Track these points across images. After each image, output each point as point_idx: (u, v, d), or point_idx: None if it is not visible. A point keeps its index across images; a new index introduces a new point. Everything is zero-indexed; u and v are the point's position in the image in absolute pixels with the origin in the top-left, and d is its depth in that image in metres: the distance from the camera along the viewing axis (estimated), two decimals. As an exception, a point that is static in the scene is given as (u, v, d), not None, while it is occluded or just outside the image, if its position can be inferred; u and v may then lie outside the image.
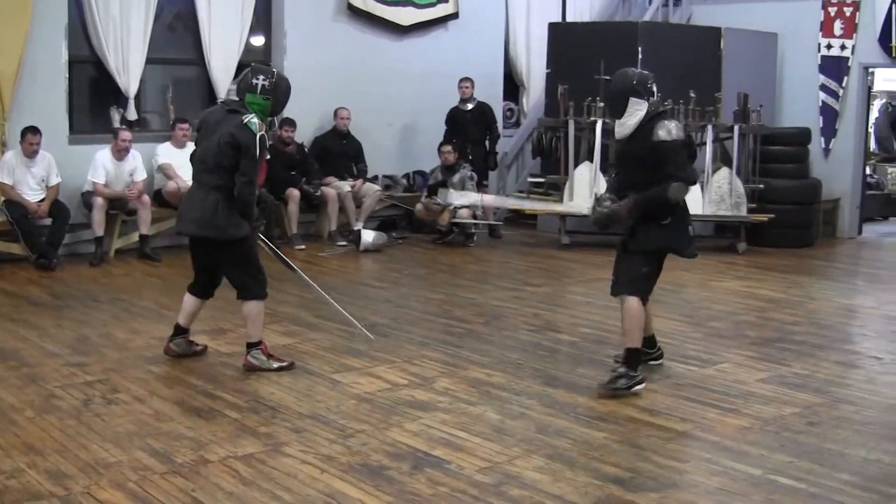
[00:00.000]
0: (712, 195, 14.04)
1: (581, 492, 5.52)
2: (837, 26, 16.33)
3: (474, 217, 14.32)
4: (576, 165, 14.14)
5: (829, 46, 16.44)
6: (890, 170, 20.54)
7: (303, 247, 13.37)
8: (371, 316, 9.58)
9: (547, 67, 15.64)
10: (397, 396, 7.19)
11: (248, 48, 14.35)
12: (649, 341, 8.10)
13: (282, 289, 10.44)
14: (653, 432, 6.54)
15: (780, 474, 5.85)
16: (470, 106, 15.18)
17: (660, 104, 7.66)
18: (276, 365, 7.84)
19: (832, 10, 16.38)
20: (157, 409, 6.85)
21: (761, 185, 14.46)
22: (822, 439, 6.54)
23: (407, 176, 15.76)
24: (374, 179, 14.96)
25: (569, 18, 17.70)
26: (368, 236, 13.52)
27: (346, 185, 14.12)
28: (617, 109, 7.64)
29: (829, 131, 16.39)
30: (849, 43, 16.26)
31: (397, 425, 6.56)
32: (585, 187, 13.95)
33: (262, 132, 7.51)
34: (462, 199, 13.22)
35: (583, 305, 10.69)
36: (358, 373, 7.76)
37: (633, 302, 7.58)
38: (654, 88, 7.58)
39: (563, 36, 15.68)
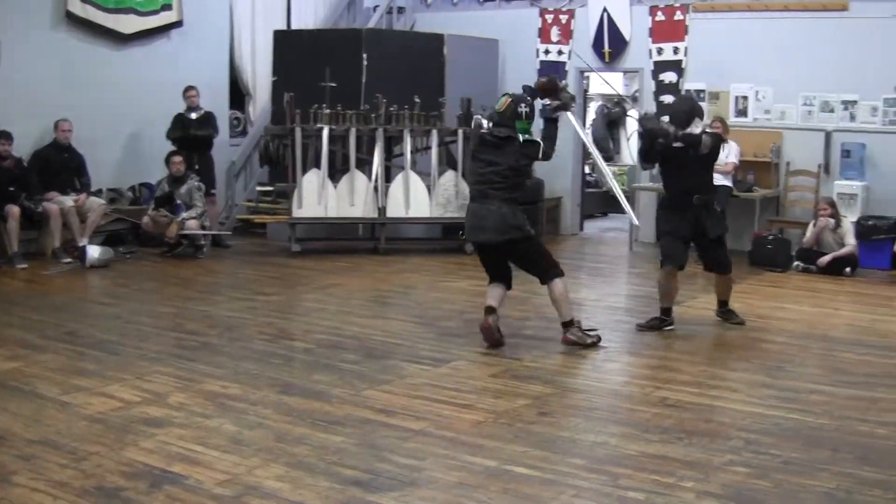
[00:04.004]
0: (439, 198, 14.26)
1: (322, 496, 5.52)
2: (554, 32, 16.84)
3: (203, 228, 14.12)
4: (304, 173, 14.09)
5: (547, 52, 16.94)
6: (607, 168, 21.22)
7: (25, 265, 12.74)
8: (100, 333, 9.34)
9: (273, 75, 15.53)
10: (131, 414, 6.99)
11: (-41, 58, 13.73)
12: (669, 311, 9.97)
13: (7, 311, 10.12)
14: (390, 433, 6.59)
15: (515, 464, 6.00)
16: (195, 115, 14.95)
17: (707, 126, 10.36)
18: (589, 340, 9.05)
19: (549, 18, 16.90)
20: None
21: (486, 187, 14.74)
22: (554, 427, 6.76)
23: (132, 188, 15.37)
24: (99, 193, 14.49)
25: (294, 26, 17.64)
26: (94, 252, 13.10)
27: (68, 200, 13.59)
28: (682, 124, 9.62)
29: (550, 133, 16.83)
30: (565, 48, 16.79)
31: (132, 444, 6.37)
32: (314, 194, 13.96)
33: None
34: None
35: (316, 312, 10.69)
36: (89, 393, 7.50)
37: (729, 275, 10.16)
38: None
39: (288, 43, 15.61)
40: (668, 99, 15.57)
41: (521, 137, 9.04)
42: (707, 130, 9.94)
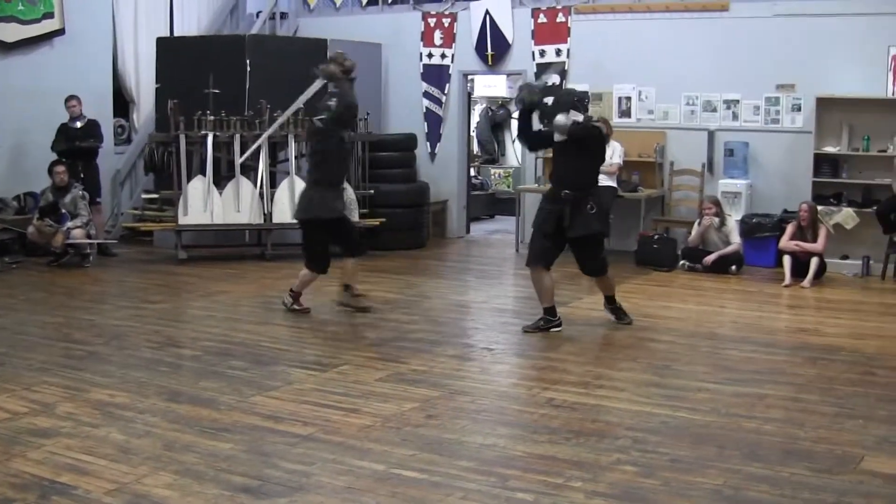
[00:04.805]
0: (326, 203, 14.24)
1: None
2: (437, 36, 16.91)
3: (88, 237, 13.94)
4: (189, 180, 13.98)
5: (430, 55, 17.01)
6: (493, 171, 21.42)
7: None
8: (-15, 345, 9.23)
9: (156, 82, 15.41)
10: (18, 426, 6.89)
11: None
12: (552, 310, 9.94)
13: None
14: (278, 439, 6.59)
15: (403, 467, 6.03)
16: (80, 124, 14.75)
17: (590, 119, 10.11)
18: (363, 304, 10.72)
19: (432, 21, 16.97)
20: None
21: (371, 191, 14.85)
22: (441, 430, 6.79)
23: (18, 198, 15.09)
24: (-17, 203, 14.34)
25: (177, 33, 17.47)
26: (-21, 263, 12.96)
27: (-50, 212, 13.43)
28: (565, 109, 9.66)
29: (435, 136, 16.99)
30: (448, 52, 16.88)
31: (20, 455, 6.28)
32: (199, 201, 13.86)
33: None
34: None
35: (203, 319, 10.64)
36: (-26, 405, 7.43)
37: (608, 274, 10.08)
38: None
39: (171, 50, 15.48)
40: (550, 100, 15.69)
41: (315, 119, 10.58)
42: (581, 122, 9.77)
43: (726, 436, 6.74)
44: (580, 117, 9.70)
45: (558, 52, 15.90)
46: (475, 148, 21.45)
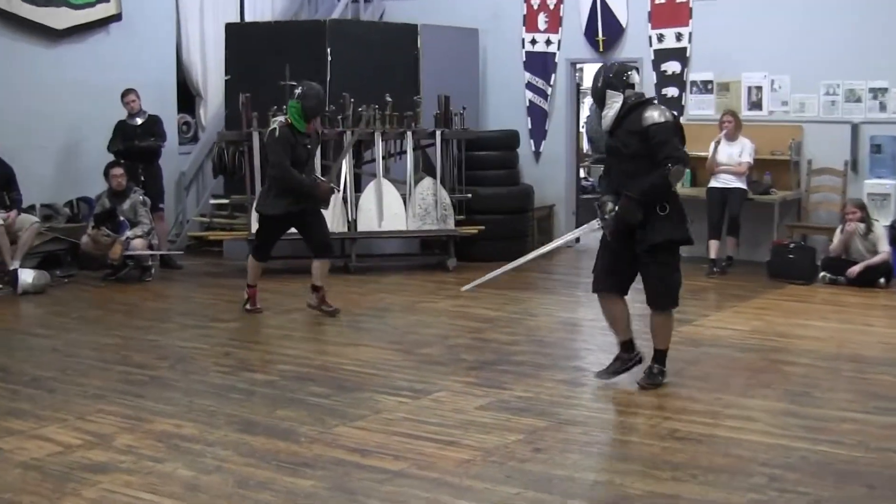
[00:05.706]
0: (416, 208, 14.26)
1: (289, 548, 5.51)
2: (541, 20, 16.87)
3: (150, 247, 14.03)
4: (263, 183, 14.02)
5: (533, 42, 16.98)
6: (605, 171, 21.22)
7: (-52, 293, 12.77)
8: (35, 369, 9.30)
9: (226, 74, 15.53)
10: (71, 460, 6.93)
11: None
12: (628, 345, 8.87)
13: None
14: (365, 475, 6.56)
15: (508, 508, 5.98)
16: (140, 120, 14.85)
17: (641, 95, 8.62)
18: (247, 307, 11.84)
19: (535, 3, 16.91)
20: None
21: (469, 195, 14.79)
22: (549, 465, 6.73)
23: (70, 204, 15.26)
24: (31, 210, 14.43)
25: (248, 18, 17.62)
26: (27, 276, 13.03)
27: (-3, 219, 13.58)
28: (600, 102, 8.65)
29: (539, 133, 16.93)
30: (554, 37, 16.84)
31: (73, 493, 6.31)
32: (275, 207, 13.93)
33: (276, 126, 11.13)
34: None
35: (279, 339, 10.67)
36: (23, 436, 7.43)
37: (671, 314, 8.68)
38: (634, 80, 8.58)
39: (242, 38, 15.60)
40: (671, 91, 15.61)
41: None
42: (635, 102, 8.52)
43: (876, 473, 6.60)
44: (619, 98, 8.46)
45: (678, 37, 15.78)
46: (585, 146, 21.34)
